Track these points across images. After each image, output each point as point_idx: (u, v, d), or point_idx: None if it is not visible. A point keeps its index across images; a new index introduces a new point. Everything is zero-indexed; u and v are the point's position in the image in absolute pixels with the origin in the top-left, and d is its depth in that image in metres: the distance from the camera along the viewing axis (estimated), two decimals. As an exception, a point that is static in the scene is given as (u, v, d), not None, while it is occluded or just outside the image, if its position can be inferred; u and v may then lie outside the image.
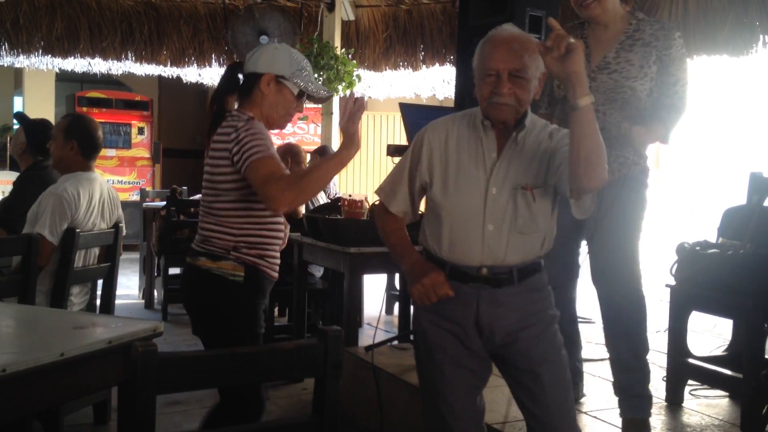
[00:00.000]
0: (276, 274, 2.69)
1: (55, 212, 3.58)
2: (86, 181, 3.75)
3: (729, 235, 3.57)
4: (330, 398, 1.75)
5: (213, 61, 8.74)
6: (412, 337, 2.76)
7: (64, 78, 10.72)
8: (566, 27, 3.57)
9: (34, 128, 4.38)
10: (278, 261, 2.69)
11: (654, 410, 3.20)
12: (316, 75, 7.68)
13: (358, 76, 7.78)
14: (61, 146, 3.78)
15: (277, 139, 9.17)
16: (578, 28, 3.35)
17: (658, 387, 3.53)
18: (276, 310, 5.94)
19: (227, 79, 2.69)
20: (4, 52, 8.23)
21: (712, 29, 5.56)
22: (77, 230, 3.61)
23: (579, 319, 4.80)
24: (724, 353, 3.91)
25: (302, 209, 4.19)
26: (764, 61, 5.50)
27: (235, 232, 2.57)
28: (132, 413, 1.57)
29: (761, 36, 5.33)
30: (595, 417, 3.30)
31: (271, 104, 2.64)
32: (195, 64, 8.76)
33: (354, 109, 2.46)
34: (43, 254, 3.53)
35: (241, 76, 2.70)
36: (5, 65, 8.74)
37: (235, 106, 2.69)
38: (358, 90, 8.13)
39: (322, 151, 7.72)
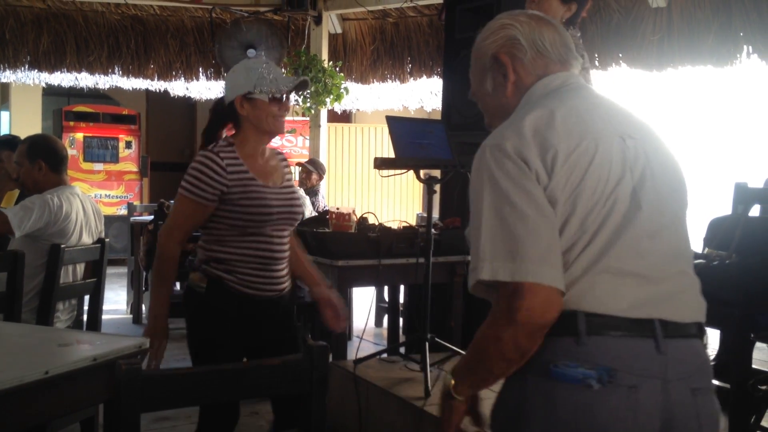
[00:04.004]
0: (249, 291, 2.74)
1: (32, 209, 3.59)
2: (70, 195, 3.76)
3: (715, 245, 3.58)
4: (316, 413, 1.75)
5: (200, 74, 8.74)
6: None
7: (51, 92, 10.69)
8: None
9: (15, 145, 4.37)
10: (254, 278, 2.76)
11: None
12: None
13: (346, 89, 7.80)
14: (29, 170, 3.79)
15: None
16: None
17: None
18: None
19: (214, 117, 2.84)
20: (-9, 68, 8.22)
21: (697, 40, 5.61)
22: (62, 245, 3.59)
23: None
24: (711, 363, 3.91)
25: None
26: (748, 72, 5.54)
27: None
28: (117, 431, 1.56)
29: (745, 46, 5.37)
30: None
31: (256, 120, 2.73)
32: (182, 78, 8.76)
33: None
34: None
35: None
36: (-9, 80, 8.73)
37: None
38: (346, 103, 8.13)
39: (311, 163, 7.73)
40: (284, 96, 2.75)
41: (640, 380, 1.42)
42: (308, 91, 7.61)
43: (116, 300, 7.71)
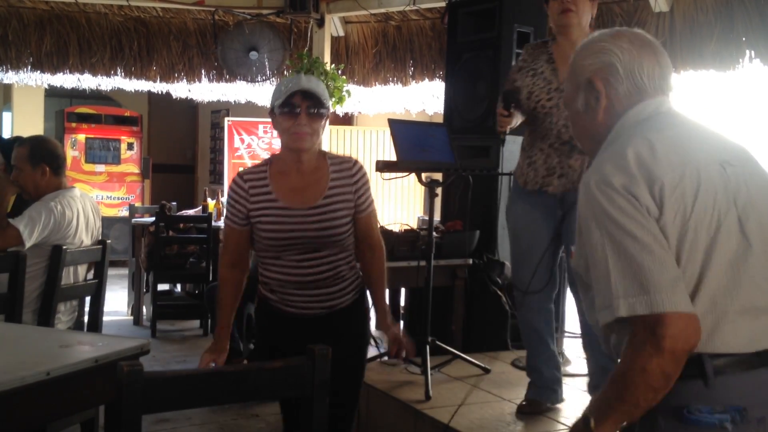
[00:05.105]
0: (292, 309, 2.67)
1: (39, 220, 3.57)
2: (71, 199, 3.75)
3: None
4: (317, 416, 1.75)
5: (203, 76, 8.74)
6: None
7: (53, 94, 10.70)
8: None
9: (9, 147, 4.35)
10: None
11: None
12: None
13: (348, 92, 7.80)
14: (30, 174, 3.75)
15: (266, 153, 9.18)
16: (542, 45, 3.37)
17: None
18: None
19: None
20: (-7, 68, 8.22)
21: (699, 44, 5.60)
22: (64, 247, 3.59)
23: (568, 334, 4.81)
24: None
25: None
26: (751, 76, 5.53)
27: None
28: (118, 433, 1.56)
29: (747, 51, 5.37)
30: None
31: (280, 136, 2.66)
32: (184, 80, 8.74)
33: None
34: (6, 238, 3.51)
35: None
36: (-6, 81, 8.73)
37: None
38: (348, 105, 8.13)
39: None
40: (300, 109, 2.53)
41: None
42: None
43: (117, 301, 7.71)
